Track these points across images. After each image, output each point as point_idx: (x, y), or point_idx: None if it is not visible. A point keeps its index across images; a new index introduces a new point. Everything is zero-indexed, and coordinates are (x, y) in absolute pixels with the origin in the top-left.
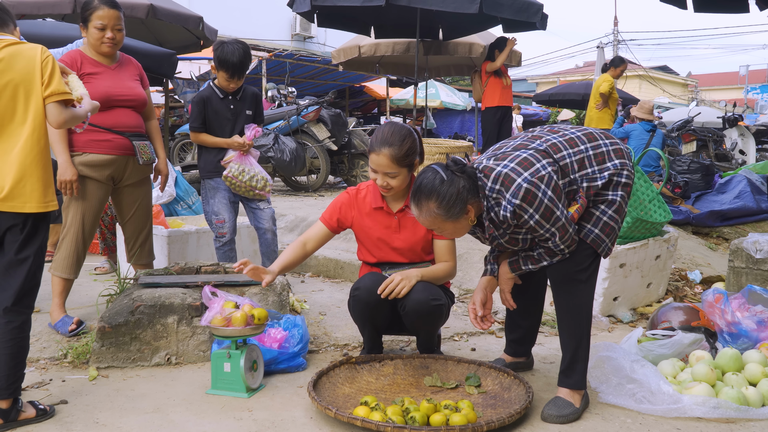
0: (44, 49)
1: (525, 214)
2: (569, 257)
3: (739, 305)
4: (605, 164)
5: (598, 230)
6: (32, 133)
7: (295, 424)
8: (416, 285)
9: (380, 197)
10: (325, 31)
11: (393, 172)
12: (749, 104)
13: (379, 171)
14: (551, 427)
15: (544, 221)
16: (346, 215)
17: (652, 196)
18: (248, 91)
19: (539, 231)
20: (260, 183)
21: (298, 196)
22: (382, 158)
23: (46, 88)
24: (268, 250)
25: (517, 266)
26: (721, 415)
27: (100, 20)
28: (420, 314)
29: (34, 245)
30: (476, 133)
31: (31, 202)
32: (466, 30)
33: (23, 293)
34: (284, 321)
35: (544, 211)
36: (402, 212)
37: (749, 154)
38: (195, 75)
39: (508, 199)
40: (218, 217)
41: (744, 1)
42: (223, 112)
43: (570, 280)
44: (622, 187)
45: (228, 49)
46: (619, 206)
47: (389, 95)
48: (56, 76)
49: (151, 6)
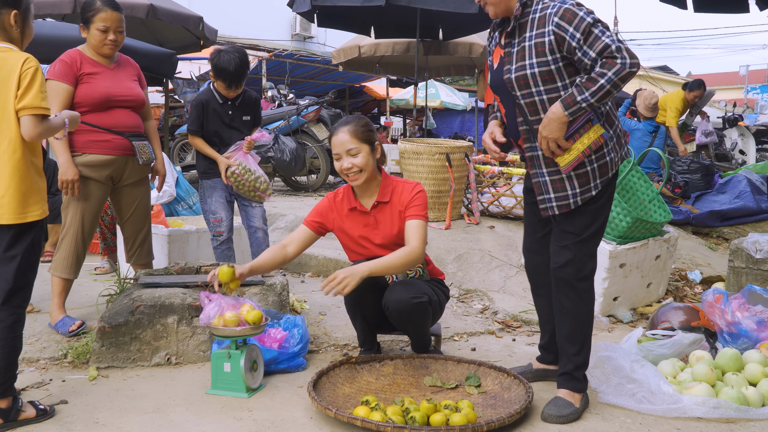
0: (30, 59)
1: (579, 13)
2: (571, 262)
3: (739, 305)
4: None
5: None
6: (7, 145)
7: (295, 424)
8: (398, 283)
9: (353, 197)
10: (325, 31)
11: (354, 147)
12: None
13: (341, 152)
14: (551, 427)
15: (598, 24)
16: (327, 218)
17: (652, 196)
18: (248, 95)
19: (594, 32)
20: (263, 185)
21: (298, 196)
22: (341, 135)
23: (19, 100)
24: (259, 250)
25: (572, 100)
26: (721, 415)
27: (102, 22)
28: (402, 313)
29: (22, 245)
30: (476, 133)
31: (7, 214)
32: (466, 30)
33: (12, 292)
34: (284, 321)
35: (595, 16)
36: (376, 208)
37: (749, 154)
38: (195, 75)
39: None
40: (216, 216)
41: (744, 1)
42: (221, 117)
43: (570, 283)
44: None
45: (224, 58)
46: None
47: (389, 95)
48: (34, 89)
49: (151, 6)
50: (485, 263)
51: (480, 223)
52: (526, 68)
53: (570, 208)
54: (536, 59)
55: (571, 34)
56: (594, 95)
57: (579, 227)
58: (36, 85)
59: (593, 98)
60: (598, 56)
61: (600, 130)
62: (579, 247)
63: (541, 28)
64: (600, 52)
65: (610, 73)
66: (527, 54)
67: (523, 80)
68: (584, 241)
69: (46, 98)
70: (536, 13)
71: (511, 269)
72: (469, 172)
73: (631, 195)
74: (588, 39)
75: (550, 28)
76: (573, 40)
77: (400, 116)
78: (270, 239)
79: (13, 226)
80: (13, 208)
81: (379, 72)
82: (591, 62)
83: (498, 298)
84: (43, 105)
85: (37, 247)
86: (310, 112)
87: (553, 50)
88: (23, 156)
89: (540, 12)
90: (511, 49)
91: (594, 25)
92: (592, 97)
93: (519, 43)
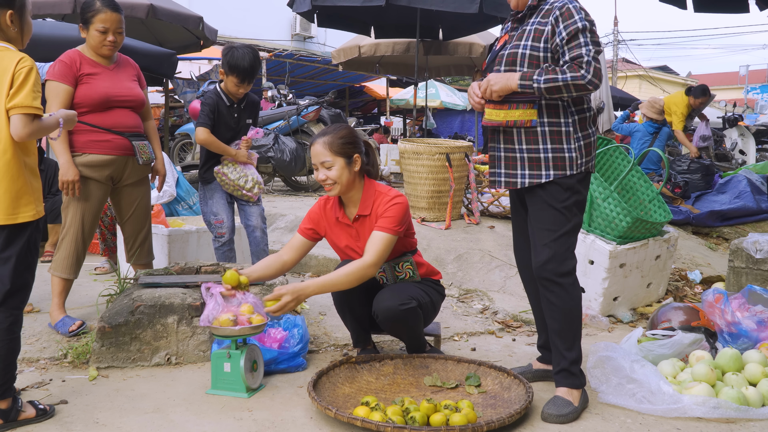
0: (24, 59)
1: (575, 15)
2: (551, 259)
3: (739, 305)
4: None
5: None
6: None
7: (295, 424)
8: (386, 291)
9: (338, 207)
10: (325, 31)
11: (328, 160)
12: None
13: (317, 163)
14: (551, 427)
15: (587, 33)
16: (319, 225)
17: (652, 196)
18: (250, 98)
19: (578, 38)
20: (249, 184)
21: (298, 196)
22: (316, 147)
23: (10, 99)
24: (258, 249)
25: (529, 76)
26: (721, 415)
27: (102, 23)
28: (392, 320)
29: (17, 245)
30: (476, 133)
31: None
32: (466, 30)
33: (9, 294)
34: (284, 321)
35: (590, 25)
36: (357, 221)
37: (749, 154)
38: (195, 75)
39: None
40: (217, 217)
41: (744, 1)
42: (227, 120)
43: (553, 280)
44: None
45: (238, 53)
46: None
47: (389, 95)
48: (26, 89)
49: (151, 6)
50: (485, 263)
51: (480, 223)
52: (519, 48)
53: (516, 186)
54: (530, 42)
55: (559, 31)
56: (546, 83)
57: (555, 224)
58: (28, 84)
59: (544, 85)
60: (570, 60)
61: (533, 116)
62: (558, 244)
63: (545, 18)
64: (573, 58)
65: (568, 76)
66: (525, 36)
67: (512, 57)
68: (561, 236)
69: (38, 98)
70: (547, 5)
71: (511, 269)
72: (469, 172)
73: (631, 195)
74: (570, 42)
75: (550, 20)
76: (559, 37)
77: (400, 116)
78: (270, 239)
79: (5, 227)
80: (3, 209)
81: (379, 72)
82: (563, 63)
83: (498, 298)
84: (35, 104)
85: (34, 248)
86: (310, 112)
87: (546, 39)
88: (14, 156)
89: (549, 5)
90: (515, 32)
91: (582, 31)
92: (544, 84)
93: (522, 27)
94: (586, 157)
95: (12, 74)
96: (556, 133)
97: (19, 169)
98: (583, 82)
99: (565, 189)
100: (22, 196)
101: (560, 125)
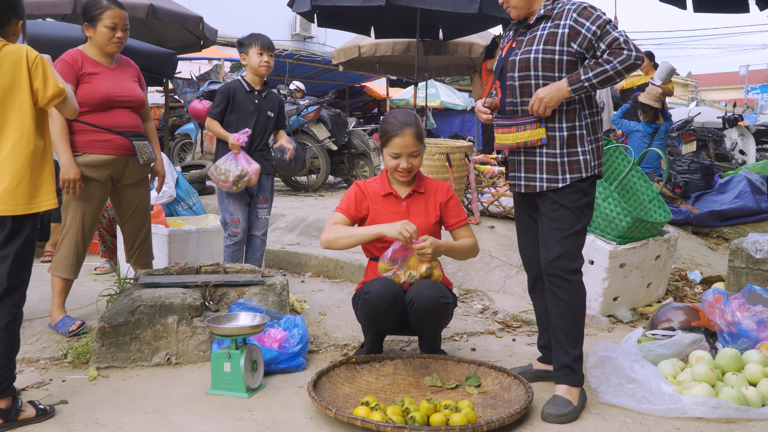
0: (30, 50)
1: (596, 11)
2: (563, 256)
3: (739, 305)
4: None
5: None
6: (20, 136)
7: (295, 424)
8: (425, 282)
9: (388, 184)
10: (325, 31)
11: (417, 150)
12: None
13: (403, 153)
14: (551, 426)
15: (611, 23)
16: (361, 204)
17: (652, 196)
18: (273, 93)
19: (607, 28)
20: (232, 178)
21: (298, 196)
22: (407, 138)
23: (44, 92)
24: (254, 256)
25: (576, 78)
26: (721, 415)
27: (111, 20)
28: (428, 311)
29: (16, 243)
30: (476, 133)
31: (21, 205)
32: (466, 30)
33: (6, 292)
34: (284, 321)
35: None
36: (410, 197)
37: (749, 154)
38: (195, 75)
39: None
40: (233, 217)
41: (744, 1)
42: (247, 105)
43: (563, 276)
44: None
45: (256, 32)
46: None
47: (389, 95)
48: (50, 77)
49: (151, 6)
50: (485, 263)
51: (480, 223)
52: (531, 52)
53: (536, 190)
54: (543, 46)
55: (587, 28)
56: (597, 77)
57: (567, 222)
58: (50, 72)
59: (596, 79)
60: (608, 47)
61: (542, 135)
62: (569, 242)
63: (557, 20)
64: (609, 44)
65: (615, 61)
66: (536, 41)
67: (525, 62)
68: (572, 235)
69: (59, 78)
70: (555, 10)
71: (511, 269)
72: (469, 172)
73: (631, 195)
74: (602, 33)
75: (567, 22)
76: (589, 33)
77: None
78: (270, 239)
79: (7, 221)
80: (24, 200)
81: (379, 72)
82: (601, 53)
83: (498, 298)
84: (61, 86)
85: (31, 247)
86: (310, 112)
87: (563, 42)
88: (36, 147)
89: (558, 9)
90: (523, 38)
91: (608, 22)
92: (595, 78)
93: (531, 33)
94: (597, 160)
95: (27, 69)
96: (571, 137)
97: (41, 159)
98: (631, 61)
99: (578, 191)
100: (42, 184)
101: (575, 129)
